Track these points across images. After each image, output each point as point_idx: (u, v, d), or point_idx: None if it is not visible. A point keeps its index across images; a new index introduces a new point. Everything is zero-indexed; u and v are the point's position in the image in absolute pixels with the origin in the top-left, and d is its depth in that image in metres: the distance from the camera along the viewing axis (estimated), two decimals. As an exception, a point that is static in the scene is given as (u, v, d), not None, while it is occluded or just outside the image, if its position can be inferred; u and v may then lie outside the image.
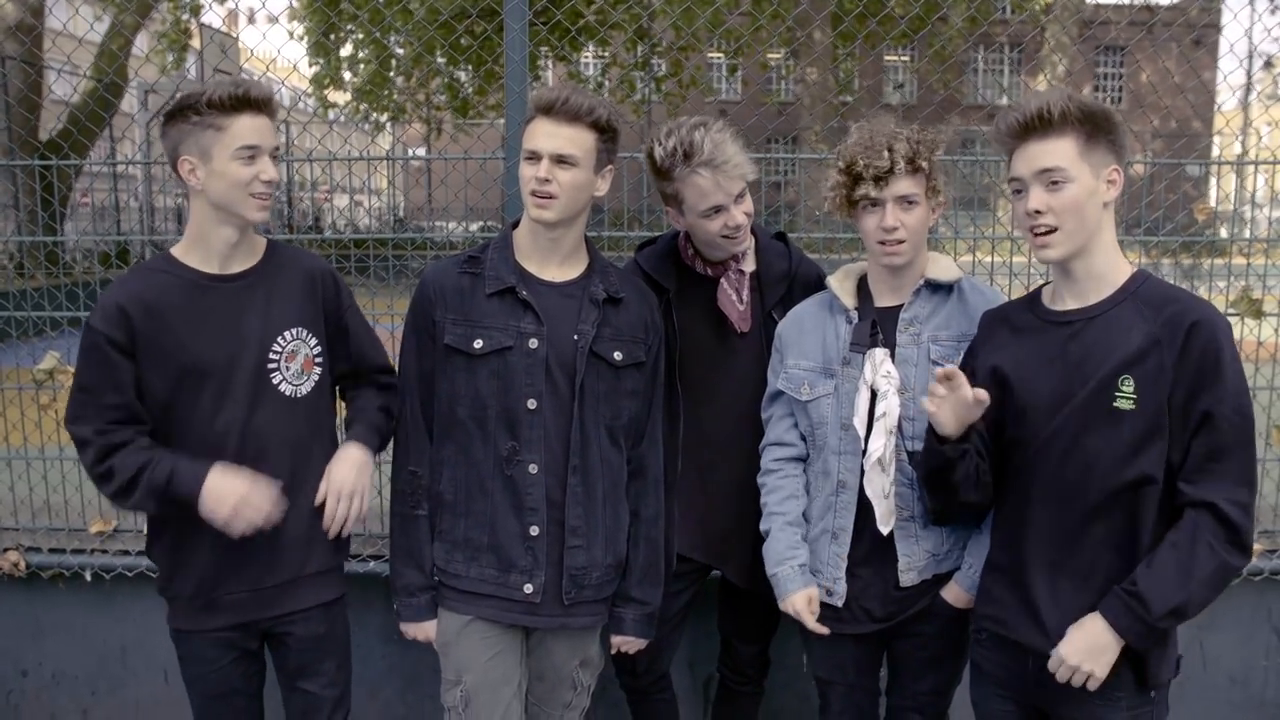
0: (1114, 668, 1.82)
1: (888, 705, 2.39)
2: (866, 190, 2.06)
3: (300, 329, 2.16)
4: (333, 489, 2.16)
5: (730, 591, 2.58)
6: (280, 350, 2.13)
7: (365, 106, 16.41)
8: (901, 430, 2.12)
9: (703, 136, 2.22)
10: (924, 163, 2.07)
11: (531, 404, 2.11)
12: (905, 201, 2.08)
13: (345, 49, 17.93)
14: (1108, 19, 19.27)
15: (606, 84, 17.90)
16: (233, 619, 2.16)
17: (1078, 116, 1.81)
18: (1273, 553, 3.11)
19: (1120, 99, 27.00)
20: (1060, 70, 12.96)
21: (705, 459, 2.46)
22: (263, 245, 2.19)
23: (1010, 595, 1.97)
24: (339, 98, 17.78)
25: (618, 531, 2.23)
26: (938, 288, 2.20)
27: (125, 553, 3.13)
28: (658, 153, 2.27)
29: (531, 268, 2.18)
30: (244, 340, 2.08)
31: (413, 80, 15.92)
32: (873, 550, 2.18)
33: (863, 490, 2.14)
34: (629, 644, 2.32)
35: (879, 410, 2.09)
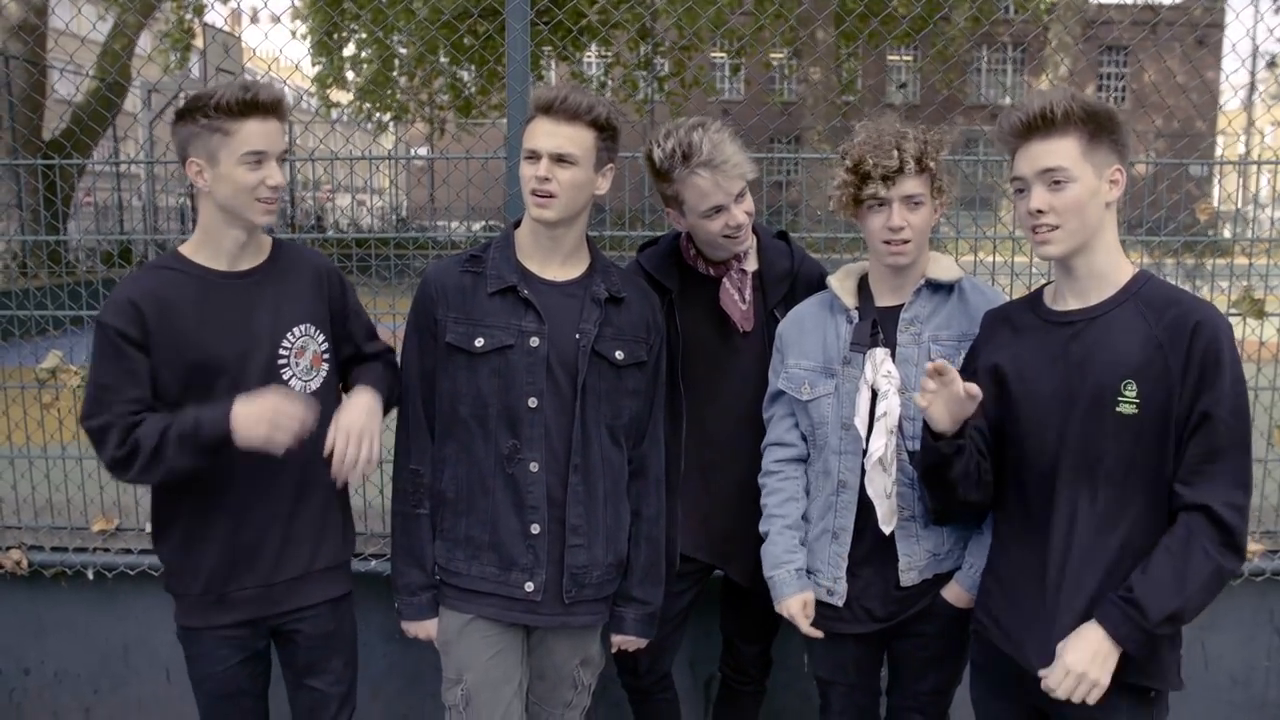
0: (1127, 667, 1.82)
1: (888, 705, 2.39)
2: (875, 190, 2.05)
3: (309, 325, 2.17)
4: (341, 430, 2.07)
5: (732, 591, 2.58)
6: (290, 346, 2.14)
7: (368, 106, 16.44)
8: (902, 430, 2.12)
9: (701, 137, 2.21)
10: (931, 162, 2.07)
11: (533, 402, 2.11)
12: (911, 201, 2.08)
13: (348, 49, 17.96)
14: (1110, 19, 19.26)
15: (610, 84, 17.90)
16: (243, 615, 2.16)
17: (1080, 116, 1.80)
18: (1274, 553, 3.10)
19: (1124, 99, 26.97)
20: (1063, 71, 12.95)
21: (708, 459, 2.46)
22: (269, 243, 2.20)
23: (1006, 604, 1.96)
24: (342, 97, 17.81)
25: (619, 531, 2.23)
26: (938, 287, 2.20)
27: (127, 551, 3.14)
28: (656, 155, 2.27)
29: (533, 267, 2.18)
30: (255, 336, 2.09)
31: (415, 80, 15.94)
32: (873, 550, 2.18)
33: (863, 490, 2.14)
34: (630, 643, 2.32)
35: (879, 410, 2.09)
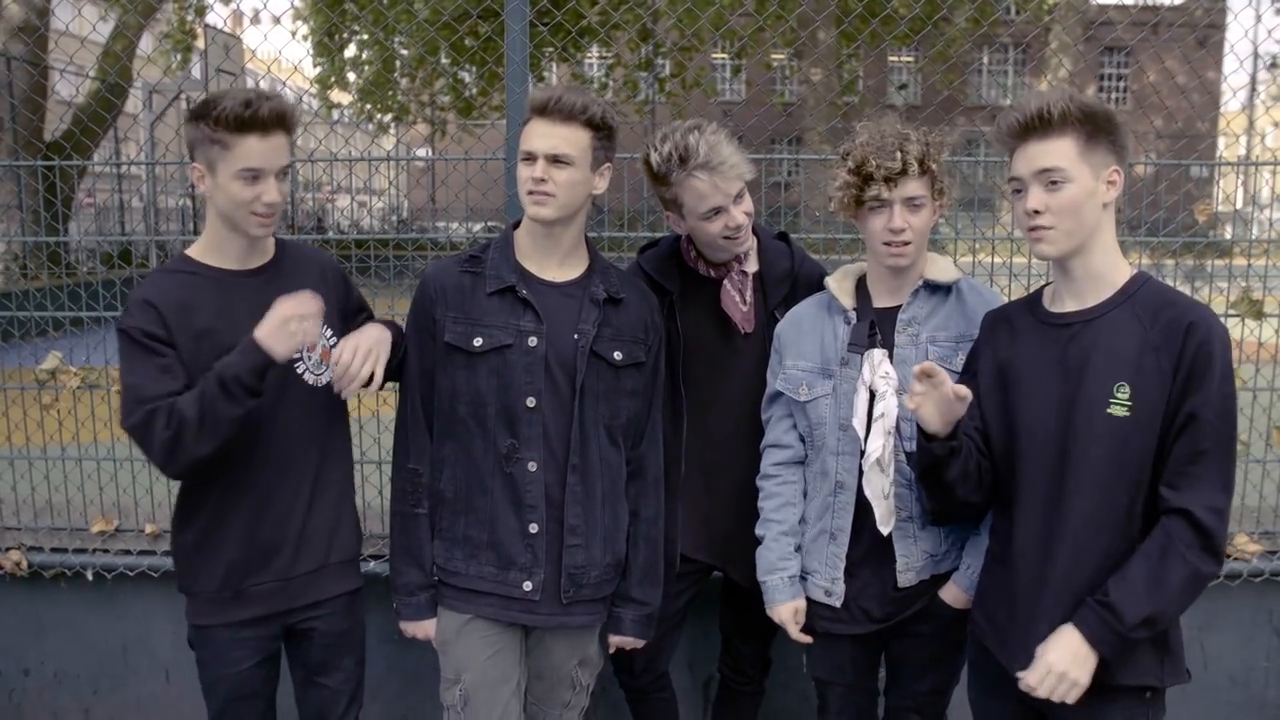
0: (1110, 666, 1.82)
1: (886, 705, 2.39)
2: (877, 191, 2.05)
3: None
4: (349, 344, 2.10)
5: (732, 591, 2.58)
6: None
7: (369, 107, 16.45)
8: (900, 431, 2.11)
9: (697, 140, 2.22)
10: (933, 164, 2.07)
11: (531, 402, 2.12)
12: (913, 203, 2.07)
13: (349, 50, 17.97)
14: (1110, 19, 19.25)
15: (611, 85, 17.90)
16: (260, 610, 2.17)
17: (1078, 117, 1.80)
18: (1273, 554, 3.10)
19: (1125, 99, 26.96)
20: (1062, 73, 12.95)
21: (709, 460, 2.46)
22: (273, 243, 2.22)
23: (998, 604, 1.96)
24: (343, 98, 17.82)
25: (617, 531, 2.24)
26: (936, 288, 2.20)
27: (126, 552, 3.14)
28: (654, 159, 2.27)
29: (532, 267, 2.18)
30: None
31: (416, 81, 15.94)
32: (871, 551, 2.18)
33: (861, 491, 2.14)
34: (627, 644, 2.32)
35: (877, 411, 2.09)
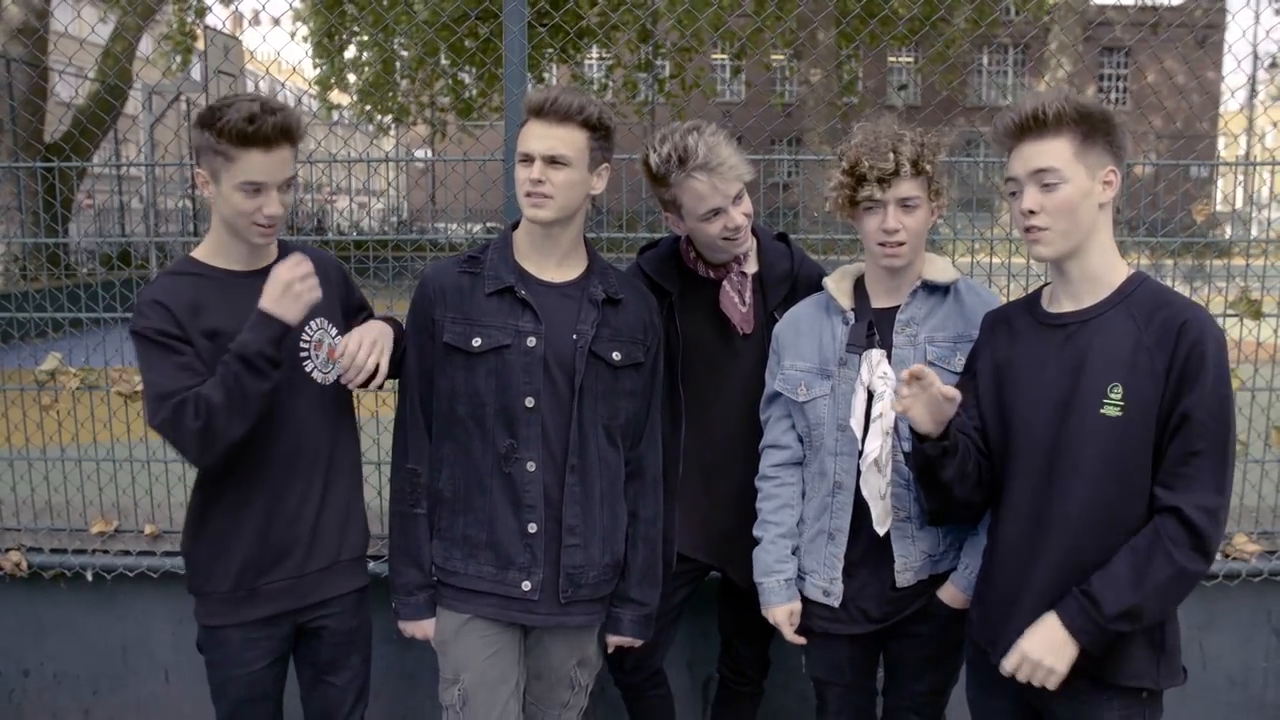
0: (1103, 667, 1.82)
1: (885, 705, 2.39)
2: (871, 192, 2.05)
3: (323, 319, 2.23)
4: (355, 335, 2.14)
5: (731, 592, 2.58)
6: (309, 339, 2.19)
7: (369, 109, 16.45)
8: (898, 431, 2.11)
9: (696, 141, 2.22)
10: (927, 165, 2.07)
11: (529, 402, 2.12)
12: (907, 204, 2.08)
13: (349, 51, 17.96)
14: (1109, 19, 19.25)
15: (611, 86, 17.90)
16: (273, 609, 2.18)
17: (1073, 117, 1.80)
18: (1272, 554, 3.10)
19: (1124, 100, 26.96)
20: (1061, 74, 12.95)
21: (709, 461, 2.47)
22: (276, 243, 2.24)
23: (995, 608, 1.96)
24: (342, 99, 17.82)
25: (615, 531, 2.24)
26: (934, 289, 2.20)
27: (126, 553, 3.14)
28: (653, 160, 2.28)
29: (530, 268, 2.19)
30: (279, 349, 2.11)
31: (416, 82, 15.94)
32: (869, 551, 2.18)
33: (859, 491, 2.14)
34: (626, 644, 2.32)
35: (875, 411, 2.09)
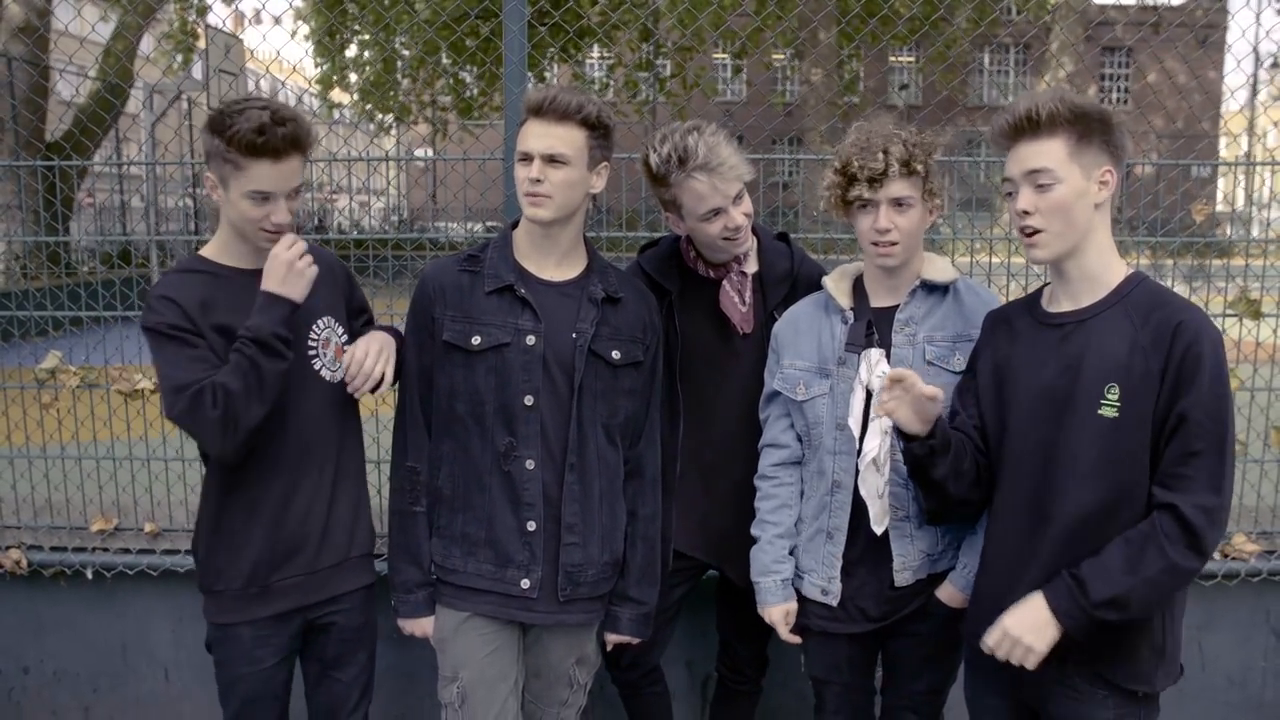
0: (1101, 667, 1.82)
1: (883, 704, 2.39)
2: (860, 191, 2.06)
3: (329, 318, 2.24)
4: (360, 344, 2.19)
5: (729, 591, 2.58)
6: (317, 337, 2.20)
7: (370, 107, 16.44)
8: (897, 430, 2.12)
9: (696, 141, 2.22)
10: (919, 166, 2.06)
11: (528, 400, 2.12)
12: (899, 204, 2.08)
13: (350, 50, 17.96)
14: (1110, 19, 19.24)
15: (612, 85, 17.89)
16: (285, 605, 2.19)
17: (1067, 118, 1.80)
18: (1271, 554, 3.10)
19: (1126, 100, 26.95)
20: (1062, 75, 12.94)
21: (708, 460, 2.47)
22: None
23: (989, 609, 1.96)
24: (343, 98, 17.81)
25: (614, 530, 2.24)
26: (933, 288, 2.20)
27: (126, 551, 3.15)
28: (653, 160, 2.28)
29: (530, 267, 2.19)
30: (290, 329, 2.12)
31: (418, 82, 15.94)
32: (868, 550, 2.19)
33: (858, 490, 2.14)
34: (624, 642, 2.33)
35: (874, 411, 2.09)
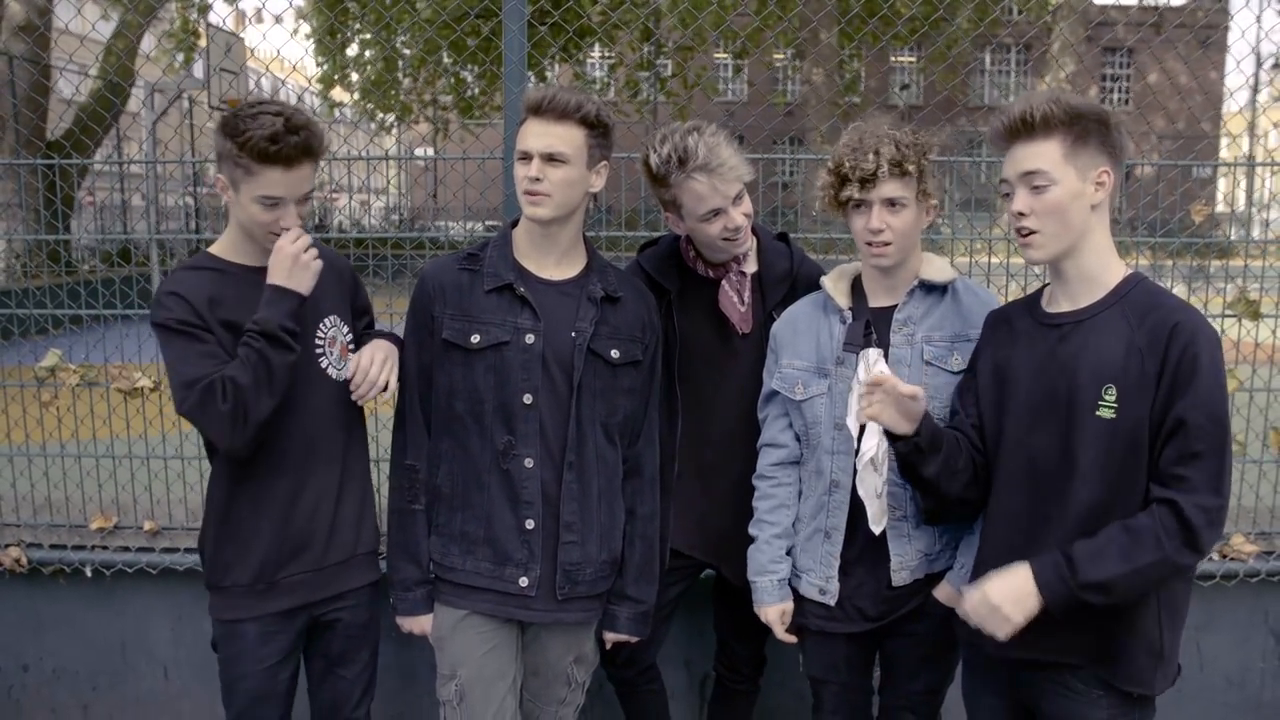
0: (1098, 668, 1.82)
1: (881, 704, 2.39)
2: (852, 192, 2.06)
3: (335, 317, 2.26)
4: (365, 352, 2.21)
5: (726, 591, 2.58)
6: (324, 336, 2.22)
7: (371, 106, 16.45)
8: (885, 431, 2.12)
9: (696, 141, 2.22)
10: (911, 166, 2.06)
11: (527, 399, 2.13)
12: (891, 204, 2.08)
13: (351, 49, 17.97)
14: (1110, 19, 19.23)
15: (613, 85, 17.89)
16: (292, 602, 2.19)
17: (1062, 119, 1.79)
18: (1269, 554, 3.10)
19: (1127, 100, 26.94)
20: (1063, 75, 12.94)
21: (706, 459, 2.47)
22: None
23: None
24: (344, 97, 17.81)
25: (613, 528, 2.25)
26: (932, 288, 2.20)
27: (125, 549, 3.15)
28: (653, 160, 2.28)
29: (530, 265, 2.19)
30: (298, 322, 2.13)
31: (419, 81, 15.95)
32: (865, 549, 2.19)
33: (856, 490, 2.14)
34: (623, 641, 2.33)
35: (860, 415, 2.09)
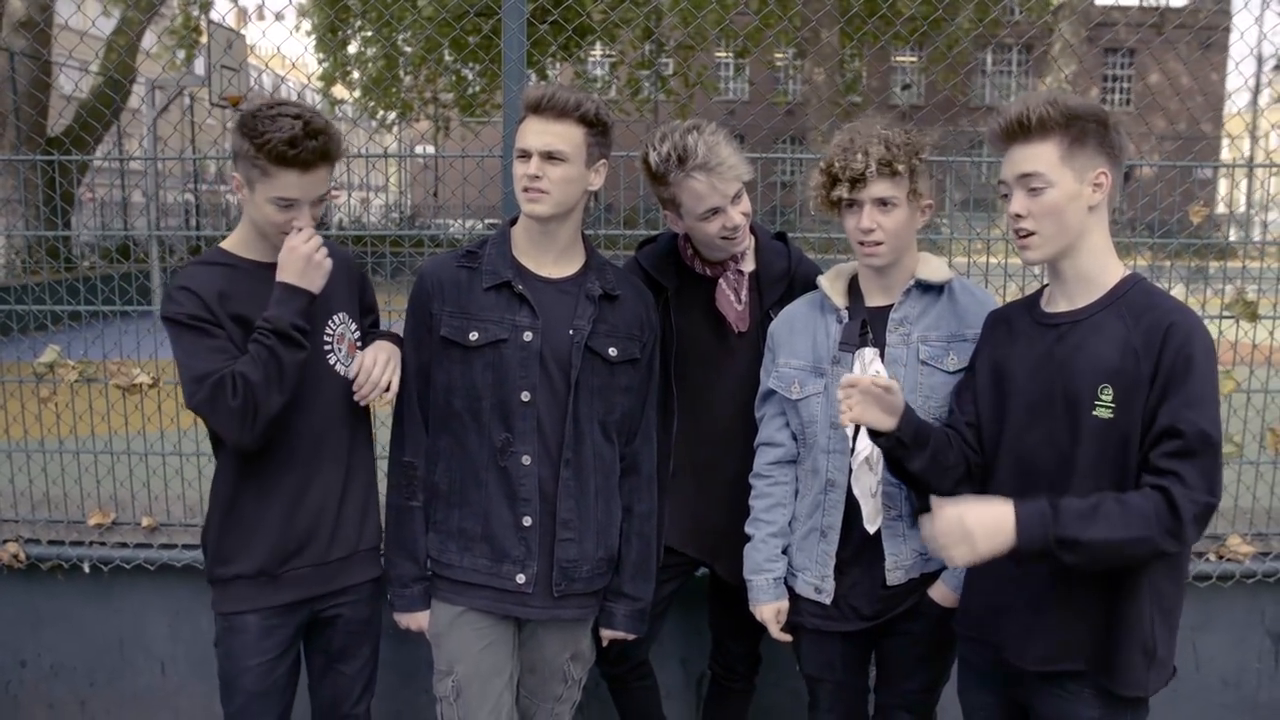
0: (1091, 668, 1.83)
1: (876, 703, 2.40)
2: (842, 192, 2.07)
3: (344, 314, 2.27)
4: (368, 354, 2.22)
5: (721, 589, 2.59)
6: (332, 332, 2.22)
7: (372, 104, 16.46)
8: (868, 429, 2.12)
9: (696, 140, 2.23)
10: (901, 166, 2.05)
11: (525, 396, 2.13)
12: (882, 203, 2.08)
13: (352, 46, 17.97)
14: (1111, 19, 19.21)
15: (614, 84, 17.88)
16: (294, 595, 2.20)
17: (1059, 121, 1.79)
18: (1265, 555, 3.11)
19: (1128, 101, 26.92)
20: (1064, 76, 12.92)
21: (702, 457, 2.47)
22: None
23: (981, 604, 1.97)
24: (344, 95, 17.82)
25: (609, 526, 2.25)
26: (928, 288, 2.21)
27: (124, 545, 3.15)
28: (652, 159, 2.28)
29: (528, 263, 2.20)
30: (308, 320, 2.14)
31: (419, 79, 15.95)
32: (861, 549, 2.19)
33: (852, 489, 2.14)
34: (619, 638, 2.34)
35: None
